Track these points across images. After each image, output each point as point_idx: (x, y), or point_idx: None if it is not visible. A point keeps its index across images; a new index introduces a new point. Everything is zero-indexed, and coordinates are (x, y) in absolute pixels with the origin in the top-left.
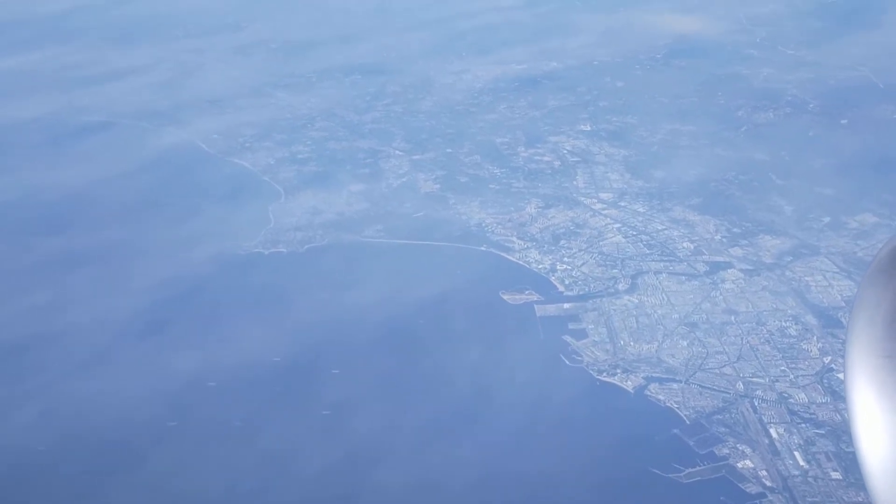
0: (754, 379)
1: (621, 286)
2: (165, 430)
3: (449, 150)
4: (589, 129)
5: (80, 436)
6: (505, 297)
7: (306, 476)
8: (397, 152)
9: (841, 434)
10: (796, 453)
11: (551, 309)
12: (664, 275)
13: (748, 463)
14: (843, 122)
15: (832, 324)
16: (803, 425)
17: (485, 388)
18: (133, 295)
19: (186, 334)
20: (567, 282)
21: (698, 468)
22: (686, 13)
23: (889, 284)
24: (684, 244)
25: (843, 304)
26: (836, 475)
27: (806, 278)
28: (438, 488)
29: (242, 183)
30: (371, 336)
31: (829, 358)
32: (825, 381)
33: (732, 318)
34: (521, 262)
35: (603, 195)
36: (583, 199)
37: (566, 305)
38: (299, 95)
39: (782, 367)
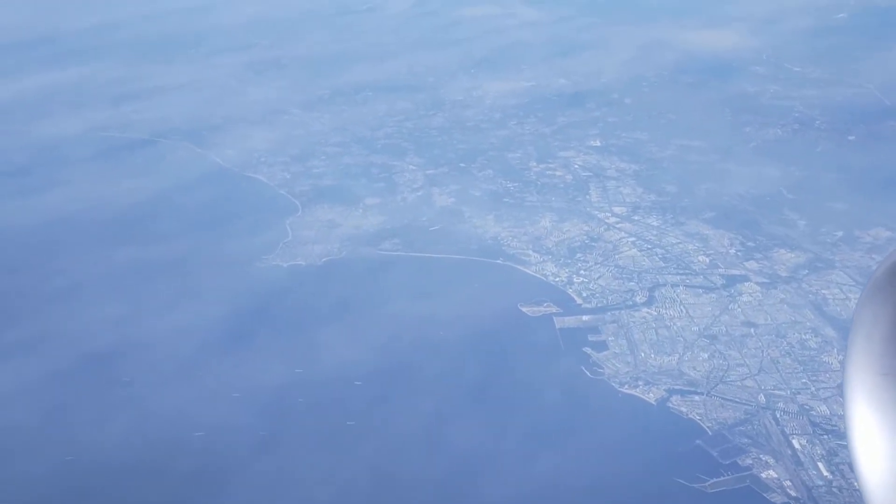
0: (776, 391)
1: (639, 299)
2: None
3: (462, 165)
4: (599, 144)
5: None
6: (524, 309)
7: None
8: (411, 167)
9: None
10: (819, 464)
11: (570, 321)
12: (681, 288)
13: (772, 473)
14: (851, 138)
15: None
16: (825, 437)
17: (505, 398)
18: (168, 310)
19: (213, 346)
20: (585, 294)
21: (723, 478)
22: (694, 31)
23: (886, 302)
24: (700, 258)
25: None
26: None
27: (823, 291)
28: (463, 496)
29: (259, 197)
30: (391, 347)
31: None
32: None
33: (752, 330)
34: (537, 275)
35: (616, 209)
36: (596, 212)
37: (585, 318)
38: (312, 112)
39: (803, 380)
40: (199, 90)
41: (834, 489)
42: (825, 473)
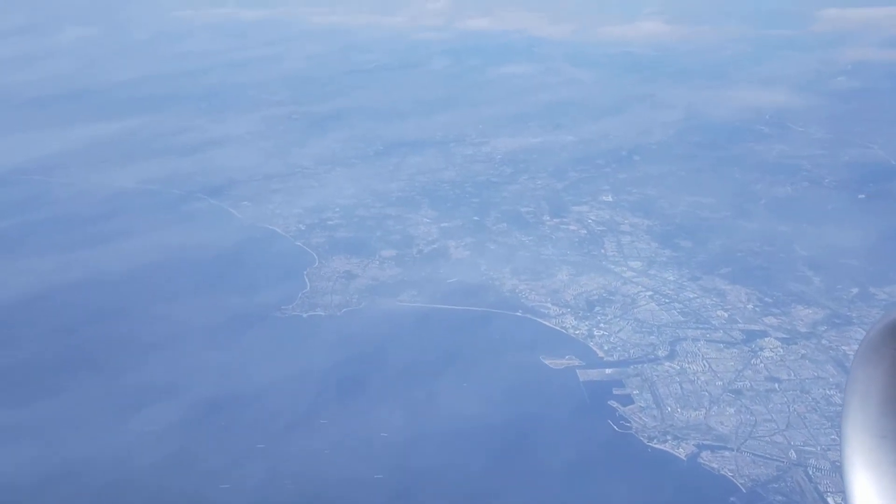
0: (806, 447)
1: (661, 352)
2: None
3: (476, 219)
4: (611, 199)
5: None
6: (546, 361)
7: None
8: (425, 220)
9: None
10: None
11: (593, 374)
12: (702, 342)
13: None
14: (861, 196)
15: None
16: None
17: (532, 450)
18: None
19: (235, 401)
20: (606, 347)
21: None
22: (699, 91)
23: (881, 362)
24: (718, 312)
25: None
26: None
27: (843, 347)
28: None
29: (276, 248)
30: (415, 398)
31: None
32: None
33: (776, 385)
34: (557, 328)
35: (632, 263)
36: (613, 266)
37: (608, 371)
38: (325, 164)
39: (832, 436)
40: (208, 144)
41: None
42: None
